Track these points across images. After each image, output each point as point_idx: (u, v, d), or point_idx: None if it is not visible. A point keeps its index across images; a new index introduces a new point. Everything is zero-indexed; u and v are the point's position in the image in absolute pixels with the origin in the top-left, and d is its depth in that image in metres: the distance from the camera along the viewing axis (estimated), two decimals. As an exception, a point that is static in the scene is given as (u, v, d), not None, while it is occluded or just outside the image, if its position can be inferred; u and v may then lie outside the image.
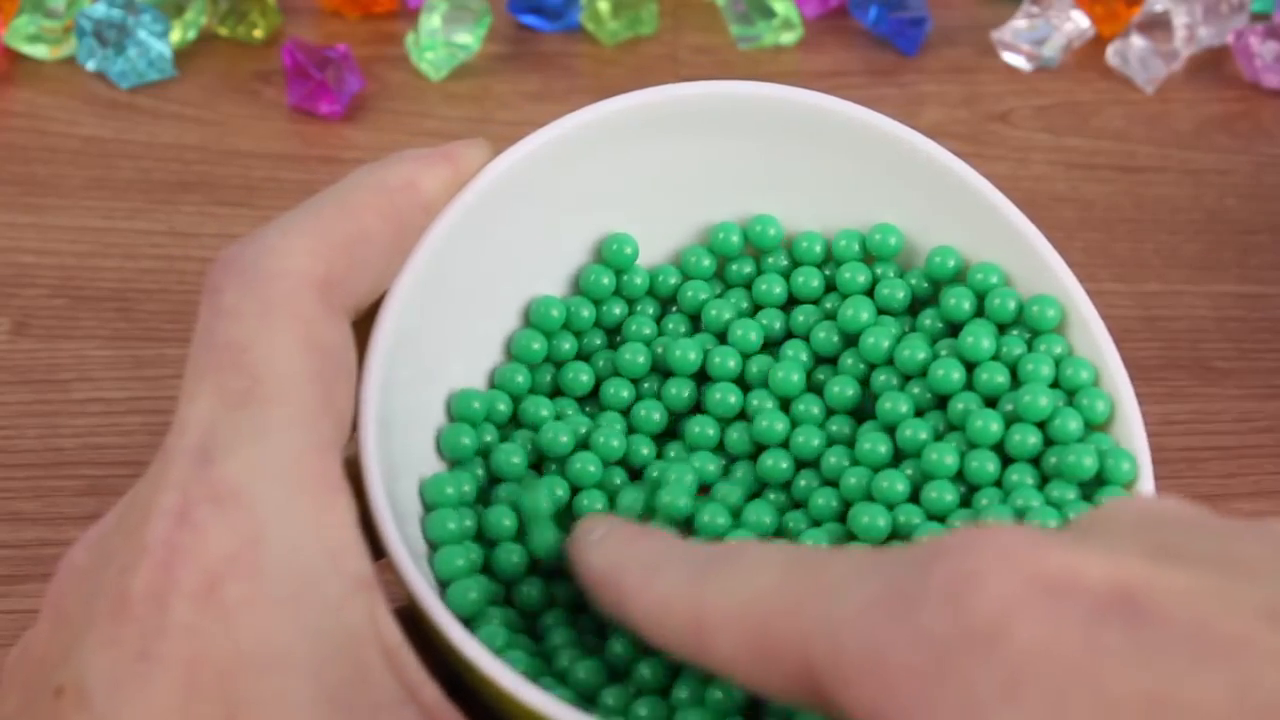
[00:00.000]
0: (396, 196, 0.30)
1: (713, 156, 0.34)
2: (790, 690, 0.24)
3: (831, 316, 0.34)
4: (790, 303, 0.34)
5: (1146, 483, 0.30)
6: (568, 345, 0.34)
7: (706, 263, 0.34)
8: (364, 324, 0.30)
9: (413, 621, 0.27)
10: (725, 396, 0.33)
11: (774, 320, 0.34)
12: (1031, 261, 0.32)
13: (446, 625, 0.27)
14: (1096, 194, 0.48)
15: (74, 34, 0.50)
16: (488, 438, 0.32)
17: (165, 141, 0.49)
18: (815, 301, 0.34)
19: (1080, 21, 0.52)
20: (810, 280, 0.34)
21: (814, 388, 0.33)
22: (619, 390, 0.33)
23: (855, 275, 0.33)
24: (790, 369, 0.33)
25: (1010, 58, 0.52)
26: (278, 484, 0.26)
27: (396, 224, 0.30)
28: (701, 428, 0.33)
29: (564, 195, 0.33)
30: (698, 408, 0.34)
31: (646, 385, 0.34)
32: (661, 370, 0.34)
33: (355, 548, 0.26)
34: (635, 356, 0.33)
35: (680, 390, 0.33)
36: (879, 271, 0.34)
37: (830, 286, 0.34)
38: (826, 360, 0.34)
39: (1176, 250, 0.47)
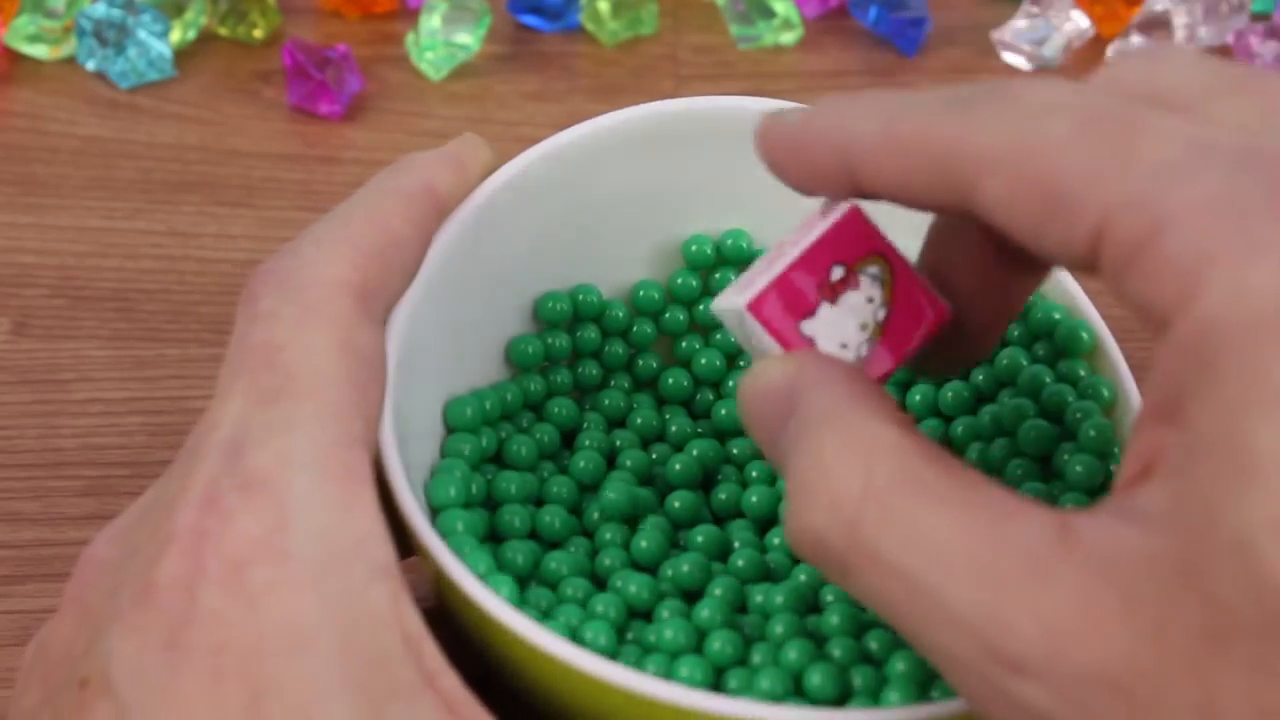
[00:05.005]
0: (418, 201, 0.31)
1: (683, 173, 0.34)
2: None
3: None
4: None
5: None
6: (560, 378, 0.34)
7: (694, 283, 0.35)
8: None
9: (441, 620, 0.28)
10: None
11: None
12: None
13: (471, 588, 0.27)
14: (1096, 194, 0.48)
15: (74, 34, 0.50)
16: (484, 441, 0.32)
17: (165, 141, 0.49)
18: None
19: (1080, 21, 0.52)
20: None
21: None
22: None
23: None
24: None
25: (1010, 58, 0.52)
26: (306, 472, 0.26)
27: (421, 228, 0.31)
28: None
29: (561, 210, 0.33)
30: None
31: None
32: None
33: (380, 536, 0.27)
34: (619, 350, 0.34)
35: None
36: None
37: None
38: None
39: (1176, 250, 0.47)
